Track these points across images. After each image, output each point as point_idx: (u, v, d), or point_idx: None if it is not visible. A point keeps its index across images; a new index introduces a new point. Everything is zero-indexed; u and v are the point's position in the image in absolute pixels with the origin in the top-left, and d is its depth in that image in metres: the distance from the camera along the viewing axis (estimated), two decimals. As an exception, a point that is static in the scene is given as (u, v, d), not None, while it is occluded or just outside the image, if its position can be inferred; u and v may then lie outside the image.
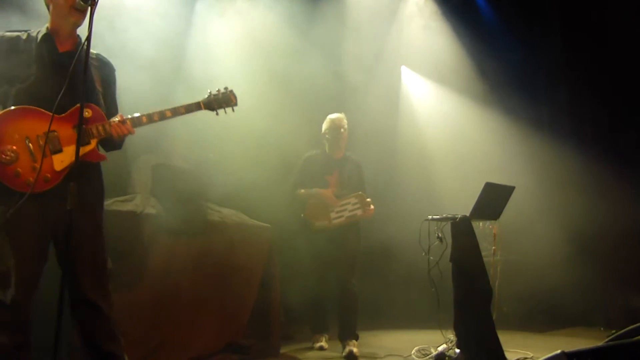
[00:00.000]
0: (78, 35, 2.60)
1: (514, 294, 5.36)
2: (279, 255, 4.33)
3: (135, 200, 3.77)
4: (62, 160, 2.46)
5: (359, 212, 4.23)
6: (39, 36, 2.54)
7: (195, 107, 2.76)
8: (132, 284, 3.51)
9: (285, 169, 4.84)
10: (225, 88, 2.83)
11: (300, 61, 5.10)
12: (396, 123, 6.30)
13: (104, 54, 2.70)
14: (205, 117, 2.90)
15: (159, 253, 3.64)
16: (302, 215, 4.33)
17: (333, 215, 4.23)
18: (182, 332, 3.69)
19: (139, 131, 2.71)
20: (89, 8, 2.28)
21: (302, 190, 4.34)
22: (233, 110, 2.86)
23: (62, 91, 2.34)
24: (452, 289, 3.85)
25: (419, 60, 6.20)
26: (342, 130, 4.36)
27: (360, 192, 4.28)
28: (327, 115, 4.52)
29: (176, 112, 2.69)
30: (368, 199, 4.25)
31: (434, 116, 6.22)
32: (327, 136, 4.40)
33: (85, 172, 2.47)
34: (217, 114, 2.82)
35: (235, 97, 2.85)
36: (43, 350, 2.43)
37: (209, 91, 2.81)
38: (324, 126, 4.43)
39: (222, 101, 2.81)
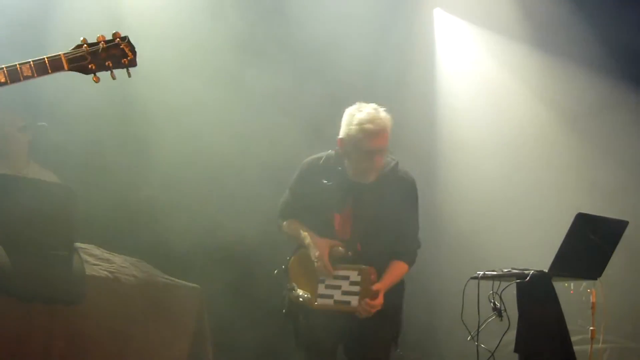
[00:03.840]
0: None
1: (629, 404, 5.43)
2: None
3: (-46, 240, 3.72)
4: None
5: (354, 300, 3.77)
6: None
7: (54, 65, 2.67)
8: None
9: (241, 186, 5.00)
10: (115, 35, 2.78)
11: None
12: (431, 114, 6.32)
13: None
14: (87, 86, 2.83)
15: (4, 331, 3.61)
16: (283, 266, 3.98)
17: (321, 289, 3.83)
18: None
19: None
20: None
21: (293, 224, 3.95)
22: (129, 73, 2.79)
23: None
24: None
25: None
26: (377, 157, 3.81)
27: (367, 268, 3.79)
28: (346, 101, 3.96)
29: (16, 74, 2.63)
30: (375, 285, 3.75)
31: (486, 93, 6.27)
32: (348, 153, 3.84)
33: None
34: (96, 78, 2.74)
35: (132, 50, 2.79)
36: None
37: (80, 40, 2.73)
38: (349, 134, 3.81)
39: (105, 57, 2.76)
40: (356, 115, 3.78)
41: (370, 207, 3.87)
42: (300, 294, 3.83)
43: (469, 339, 4.01)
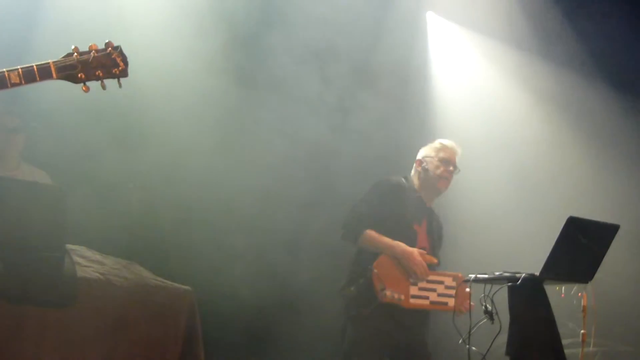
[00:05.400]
0: None
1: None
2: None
3: (-52, 242, 3.65)
4: None
5: (450, 301, 4.30)
6: None
7: (42, 72, 2.64)
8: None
9: (234, 192, 5.10)
10: (108, 45, 2.77)
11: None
12: (424, 118, 6.32)
13: None
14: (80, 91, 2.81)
15: None
16: (368, 271, 4.31)
17: (414, 290, 4.27)
18: None
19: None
20: None
21: (375, 233, 4.37)
22: (119, 83, 2.78)
23: None
24: (512, 404, 3.89)
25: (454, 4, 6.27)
26: (451, 168, 4.56)
27: (459, 273, 4.37)
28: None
29: (3, 81, 2.61)
30: (467, 289, 4.22)
31: (479, 97, 6.24)
32: (426, 167, 4.58)
33: None
34: (85, 88, 2.73)
35: (123, 61, 2.78)
36: None
37: (72, 48, 2.72)
38: (426, 151, 4.64)
39: (95, 66, 2.73)
40: (438, 141, 4.66)
41: (435, 225, 4.62)
42: (395, 294, 4.22)
43: (460, 342, 4.00)
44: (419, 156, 4.63)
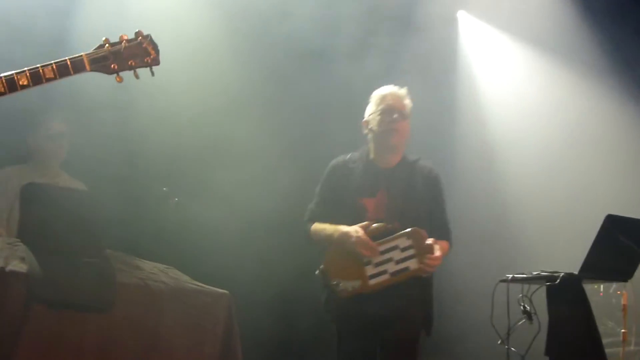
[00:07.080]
0: None
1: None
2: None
3: (-7, 248, 3.68)
4: None
5: (412, 263, 3.82)
6: None
7: (75, 66, 2.68)
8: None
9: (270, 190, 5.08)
10: (138, 34, 2.81)
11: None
12: (453, 115, 6.33)
13: None
14: (119, 92, 3.04)
15: (36, 338, 3.58)
16: (317, 270, 4.00)
17: (370, 270, 3.86)
18: None
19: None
20: None
21: (318, 225, 4.08)
22: (152, 72, 2.83)
23: None
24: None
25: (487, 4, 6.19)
26: (395, 115, 4.00)
27: (414, 228, 3.86)
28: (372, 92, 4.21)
29: (38, 76, 2.63)
30: (429, 240, 3.82)
31: (517, 100, 6.17)
32: (370, 127, 4.09)
33: None
34: (119, 79, 2.77)
35: (154, 49, 2.82)
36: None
37: (102, 40, 2.76)
38: (368, 110, 4.14)
39: (127, 56, 2.76)
40: (376, 92, 4.12)
41: (403, 187, 4.02)
42: (350, 285, 3.85)
43: (499, 342, 4.06)
44: (365, 118, 4.13)
